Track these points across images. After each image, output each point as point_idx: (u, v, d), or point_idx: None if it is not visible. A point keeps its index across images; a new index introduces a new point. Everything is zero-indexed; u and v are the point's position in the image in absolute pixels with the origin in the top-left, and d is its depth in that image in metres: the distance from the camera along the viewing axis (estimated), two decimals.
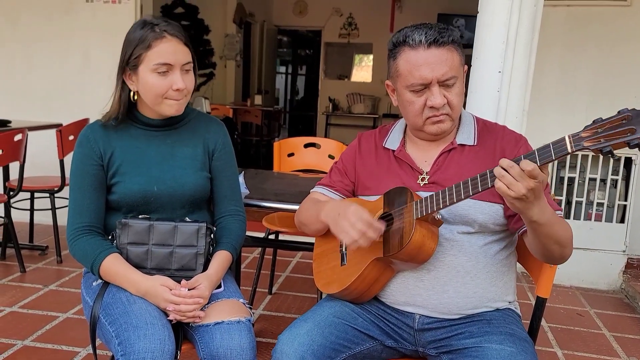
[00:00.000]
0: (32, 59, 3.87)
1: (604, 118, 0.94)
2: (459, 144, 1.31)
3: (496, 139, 1.31)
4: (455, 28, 1.26)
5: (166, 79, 1.34)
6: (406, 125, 1.39)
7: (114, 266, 1.32)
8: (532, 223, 1.09)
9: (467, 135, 1.32)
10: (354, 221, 1.18)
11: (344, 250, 1.35)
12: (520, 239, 1.40)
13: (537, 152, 1.00)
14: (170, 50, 1.33)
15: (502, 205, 1.25)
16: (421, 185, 1.30)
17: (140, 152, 1.42)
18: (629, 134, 0.91)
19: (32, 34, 3.84)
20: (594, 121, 0.95)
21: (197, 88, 6.81)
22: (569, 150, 0.96)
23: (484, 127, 1.35)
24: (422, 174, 1.31)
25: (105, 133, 1.41)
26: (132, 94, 1.39)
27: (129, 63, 1.36)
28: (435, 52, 1.21)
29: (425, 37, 1.20)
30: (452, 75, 1.22)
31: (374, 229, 1.18)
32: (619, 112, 0.93)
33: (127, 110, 1.41)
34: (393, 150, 1.37)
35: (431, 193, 1.18)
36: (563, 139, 0.97)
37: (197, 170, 1.45)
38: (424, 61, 1.21)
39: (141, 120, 1.43)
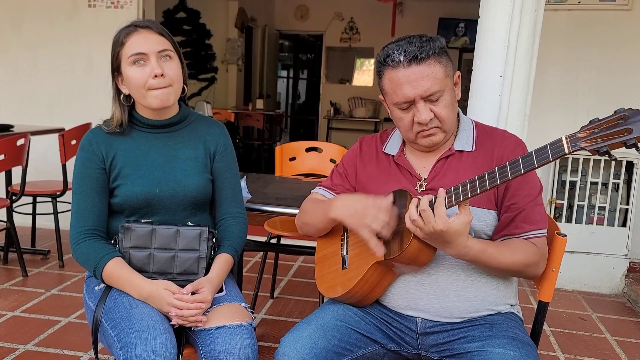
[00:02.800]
0: (36, 64, 3.88)
1: (600, 118, 0.94)
2: (456, 150, 1.31)
3: (495, 144, 1.31)
4: (438, 37, 1.25)
5: (144, 69, 1.35)
6: None
7: (117, 270, 1.33)
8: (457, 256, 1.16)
9: (465, 142, 1.32)
10: (375, 213, 1.20)
11: (345, 254, 1.35)
12: None
13: (535, 154, 1.00)
14: (142, 40, 1.35)
15: (497, 211, 1.26)
16: (419, 191, 1.30)
17: (142, 154, 1.42)
18: (625, 134, 0.91)
19: (36, 39, 3.86)
20: (590, 121, 0.95)
21: (198, 92, 6.77)
22: (566, 151, 0.96)
23: (483, 133, 1.35)
24: (420, 181, 1.31)
25: (107, 137, 1.42)
26: (122, 97, 1.41)
27: (113, 67, 1.39)
28: (416, 69, 1.20)
29: (405, 55, 1.20)
30: (436, 90, 1.22)
31: (394, 218, 1.21)
32: (615, 111, 0.93)
33: (128, 114, 1.43)
34: (392, 156, 1.37)
35: (430, 196, 1.18)
36: (560, 140, 0.97)
37: (199, 172, 1.46)
38: (405, 79, 1.21)
39: (141, 121, 1.44)
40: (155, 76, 1.34)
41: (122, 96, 1.41)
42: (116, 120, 1.41)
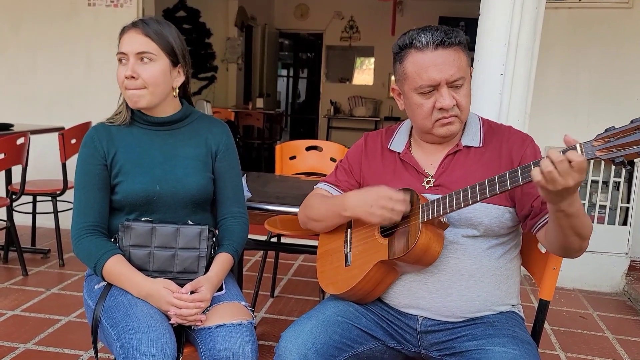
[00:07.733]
0: (35, 64, 3.88)
1: (616, 127, 0.93)
2: (464, 146, 1.30)
3: (502, 140, 1.30)
4: (460, 31, 1.25)
5: (123, 69, 1.37)
6: (412, 128, 1.38)
7: (117, 267, 1.32)
8: (559, 212, 1.05)
9: (472, 137, 1.31)
10: (391, 206, 1.20)
11: (348, 251, 1.35)
12: (524, 241, 1.39)
13: None
14: (127, 39, 1.36)
15: (508, 207, 1.24)
16: (426, 188, 1.29)
17: (143, 151, 1.42)
18: None
19: (35, 39, 3.85)
20: (606, 130, 0.93)
21: (198, 91, 6.75)
22: None
23: (490, 128, 1.34)
24: (427, 177, 1.31)
25: (109, 133, 1.42)
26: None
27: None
28: (443, 53, 1.20)
29: (432, 38, 1.20)
30: (461, 76, 1.21)
31: (407, 204, 1.21)
32: (632, 121, 0.91)
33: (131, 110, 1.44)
34: (398, 153, 1.36)
35: (438, 196, 1.18)
36: (574, 148, 0.95)
37: (200, 171, 1.45)
38: (432, 62, 1.20)
39: (142, 118, 1.44)
40: (126, 77, 1.35)
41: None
42: (123, 114, 1.43)
